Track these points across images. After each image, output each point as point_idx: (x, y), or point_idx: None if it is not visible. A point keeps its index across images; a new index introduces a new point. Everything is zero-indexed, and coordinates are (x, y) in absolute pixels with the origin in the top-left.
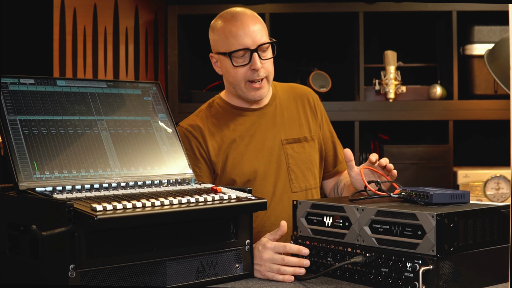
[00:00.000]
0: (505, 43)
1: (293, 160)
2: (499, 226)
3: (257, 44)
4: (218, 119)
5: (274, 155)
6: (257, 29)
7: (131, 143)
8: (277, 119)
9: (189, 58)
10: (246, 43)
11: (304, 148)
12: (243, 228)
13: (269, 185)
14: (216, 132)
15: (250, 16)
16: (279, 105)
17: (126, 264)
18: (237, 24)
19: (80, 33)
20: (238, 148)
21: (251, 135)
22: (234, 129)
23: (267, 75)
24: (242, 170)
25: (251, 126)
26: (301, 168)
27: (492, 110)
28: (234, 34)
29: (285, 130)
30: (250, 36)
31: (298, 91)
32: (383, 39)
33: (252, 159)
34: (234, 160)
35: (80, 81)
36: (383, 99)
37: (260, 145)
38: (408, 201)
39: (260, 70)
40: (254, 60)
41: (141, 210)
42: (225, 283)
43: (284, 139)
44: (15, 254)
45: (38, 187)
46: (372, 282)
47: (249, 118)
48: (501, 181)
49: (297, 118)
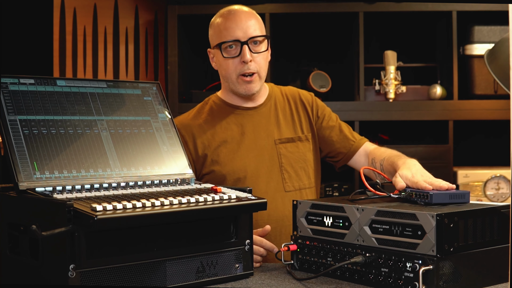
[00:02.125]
0: (505, 43)
1: (286, 160)
2: (499, 226)
3: (248, 37)
4: (212, 116)
5: (266, 154)
6: (250, 23)
7: (131, 143)
8: (271, 119)
9: (189, 58)
10: (237, 35)
11: (298, 147)
12: (243, 228)
13: (261, 184)
14: (208, 129)
15: (246, 12)
16: (274, 105)
17: (126, 264)
18: (231, 18)
19: (80, 33)
20: (230, 146)
21: (244, 133)
22: (227, 127)
23: (258, 71)
24: (232, 167)
25: (244, 124)
26: (295, 168)
27: (492, 110)
28: (227, 26)
29: (279, 130)
30: (242, 29)
31: (294, 93)
32: (383, 39)
33: (243, 157)
34: (226, 157)
35: (80, 81)
36: (383, 99)
37: (252, 144)
38: (408, 201)
39: (250, 64)
40: (243, 52)
41: (141, 210)
42: (225, 283)
43: (277, 139)
44: (15, 254)
45: (38, 187)
46: (372, 282)
47: (243, 117)
48: (501, 181)
49: (291, 119)
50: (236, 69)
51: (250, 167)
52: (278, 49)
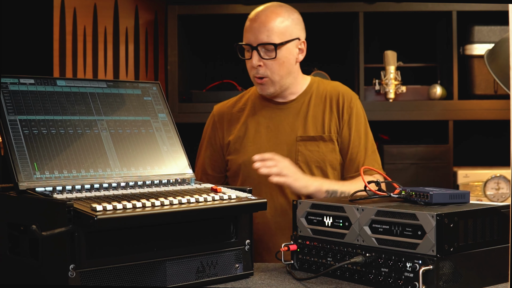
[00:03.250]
0: (505, 43)
1: (302, 157)
2: (499, 226)
3: (257, 43)
4: (246, 106)
5: (285, 150)
6: (264, 29)
7: (131, 143)
8: (300, 115)
9: (189, 58)
10: (249, 39)
11: (319, 147)
12: (243, 228)
13: None
14: (238, 118)
15: (267, 16)
16: (308, 102)
17: (126, 264)
18: (251, 20)
19: (80, 33)
20: (252, 137)
21: (269, 127)
22: (255, 119)
23: (269, 75)
24: (248, 158)
25: (272, 118)
26: (310, 166)
27: (492, 110)
28: (246, 29)
29: (304, 127)
30: (254, 33)
31: (334, 92)
32: (383, 39)
33: (260, 149)
34: (244, 147)
35: (80, 81)
36: (383, 99)
37: (274, 137)
38: (408, 201)
39: (259, 68)
40: (252, 56)
41: (141, 210)
42: (225, 283)
43: (299, 136)
44: (15, 254)
45: (38, 187)
46: (372, 282)
47: (272, 111)
48: (501, 181)
49: (321, 118)
50: (251, 71)
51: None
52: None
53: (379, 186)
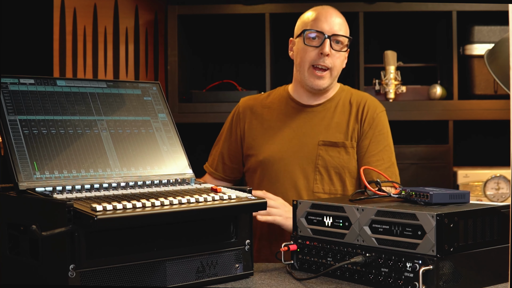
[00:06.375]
0: (505, 43)
1: (322, 162)
2: (499, 226)
3: (332, 32)
4: (273, 103)
5: (306, 152)
6: (337, 21)
7: (131, 143)
8: (325, 120)
9: (189, 58)
10: (323, 27)
11: (340, 153)
12: (243, 228)
13: (292, 179)
14: (263, 114)
15: (337, 12)
16: (334, 107)
17: (126, 264)
18: (322, 12)
19: (80, 33)
20: (272, 136)
21: (292, 128)
22: (280, 118)
23: (331, 67)
24: (269, 153)
25: (297, 120)
26: (329, 171)
27: (492, 110)
28: (316, 18)
29: (327, 132)
30: (329, 24)
31: (361, 102)
32: (383, 39)
33: (283, 148)
34: (262, 146)
35: (80, 81)
36: (383, 99)
37: (296, 139)
38: (408, 201)
39: (327, 58)
40: (324, 44)
41: (141, 210)
42: (225, 283)
43: (321, 140)
44: (15, 254)
45: (38, 187)
46: (372, 282)
47: (298, 113)
48: (501, 181)
49: (346, 125)
50: (312, 59)
51: (284, 160)
52: (278, 49)
53: (379, 186)
